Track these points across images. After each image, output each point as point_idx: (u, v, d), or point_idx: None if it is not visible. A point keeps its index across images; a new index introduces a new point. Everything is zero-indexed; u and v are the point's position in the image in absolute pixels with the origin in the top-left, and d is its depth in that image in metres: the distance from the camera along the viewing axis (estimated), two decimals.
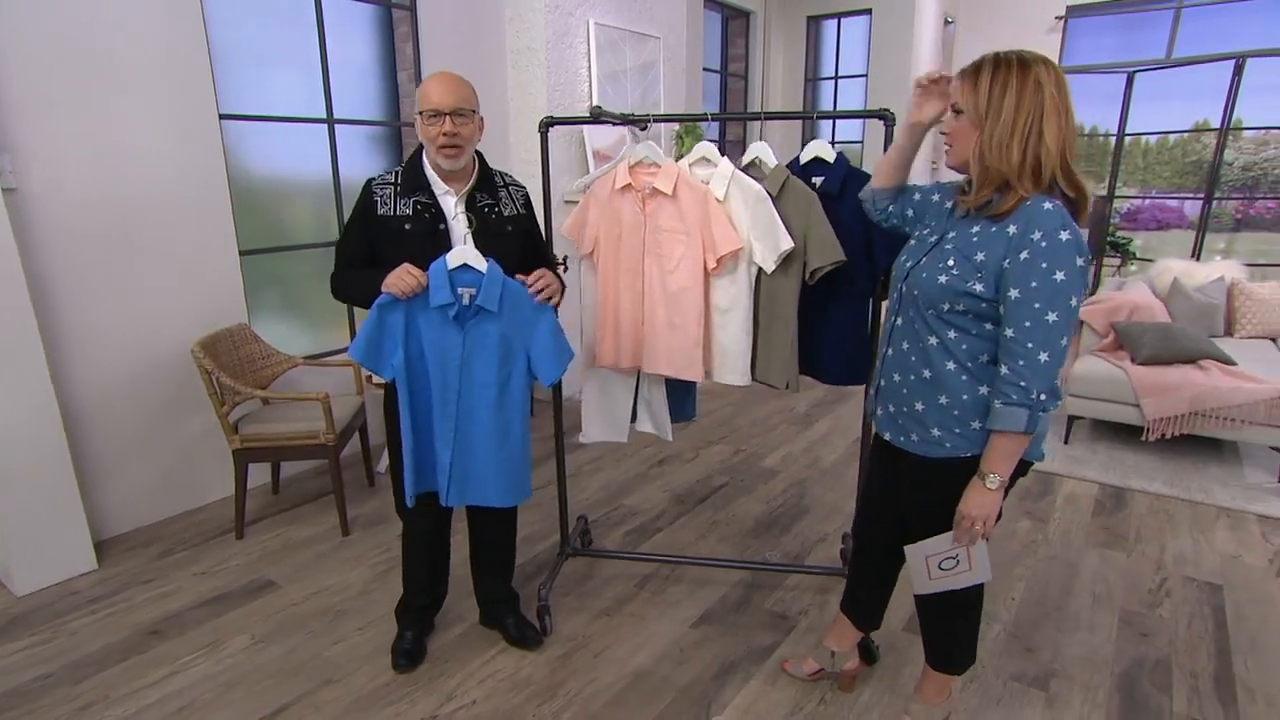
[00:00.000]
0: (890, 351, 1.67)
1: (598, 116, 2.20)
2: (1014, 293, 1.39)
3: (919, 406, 1.59)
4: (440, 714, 2.08)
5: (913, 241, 1.65)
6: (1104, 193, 7.16)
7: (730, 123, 6.98)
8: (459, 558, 2.48)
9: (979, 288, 1.44)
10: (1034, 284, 1.37)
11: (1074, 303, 1.38)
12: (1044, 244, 1.36)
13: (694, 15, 5.74)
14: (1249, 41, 6.48)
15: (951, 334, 1.51)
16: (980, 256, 1.44)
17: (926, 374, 1.56)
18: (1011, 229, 1.41)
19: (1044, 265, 1.36)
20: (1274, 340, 4.53)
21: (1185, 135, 7.43)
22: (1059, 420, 4.17)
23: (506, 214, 1.99)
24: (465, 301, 1.82)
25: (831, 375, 2.28)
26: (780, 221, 2.07)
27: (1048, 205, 1.39)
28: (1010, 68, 1.41)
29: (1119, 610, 2.57)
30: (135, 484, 3.07)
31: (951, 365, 1.52)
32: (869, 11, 6.57)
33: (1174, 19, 6.66)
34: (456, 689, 2.18)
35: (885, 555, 1.94)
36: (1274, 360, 4.04)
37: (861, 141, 6.97)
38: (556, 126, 2.37)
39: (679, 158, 2.30)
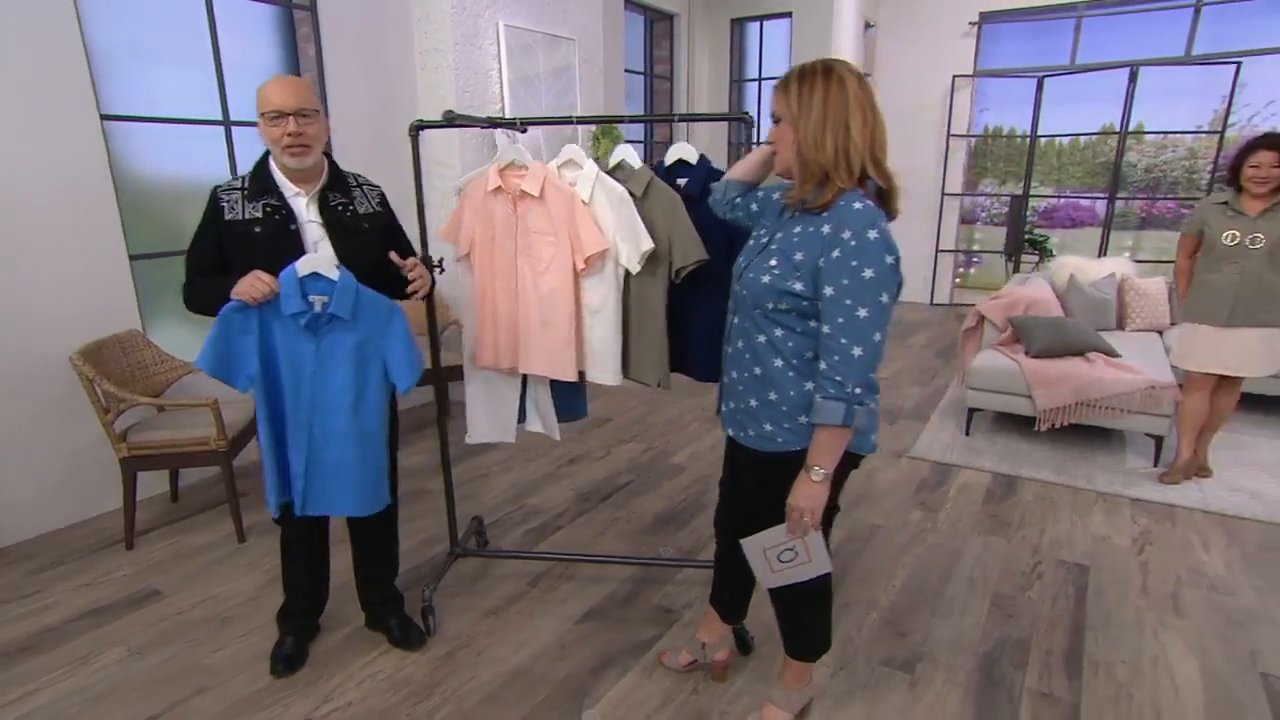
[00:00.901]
0: (729, 350, 1.73)
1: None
2: (828, 290, 1.46)
3: (753, 403, 1.65)
4: (314, 717, 2.08)
5: (750, 241, 1.71)
6: (1020, 192, 7.42)
7: (658, 124, 7.04)
8: (346, 563, 2.48)
9: (799, 286, 1.50)
10: (845, 281, 1.44)
11: (884, 299, 1.45)
12: (853, 243, 1.43)
13: (613, 17, 5.78)
14: (1143, 50, 6.78)
15: (778, 332, 1.57)
16: (799, 256, 1.51)
17: (758, 371, 1.62)
18: (825, 229, 1.47)
19: (854, 263, 1.43)
20: (1160, 333, 4.76)
21: (1094, 137, 7.72)
22: (959, 412, 4.32)
23: (361, 212, 2.00)
24: (318, 309, 1.82)
25: (702, 372, 2.33)
26: (641, 223, 2.12)
27: (858, 205, 1.46)
28: (816, 73, 1.48)
29: (992, 594, 2.68)
30: (17, 496, 2.99)
31: (779, 362, 1.58)
32: (789, 14, 6.69)
33: (1076, 27, 6.92)
34: (333, 691, 2.18)
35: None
36: (1156, 352, 4.25)
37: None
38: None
39: (597, 159, 2.33)
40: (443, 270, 2.40)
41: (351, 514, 1.99)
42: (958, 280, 8.40)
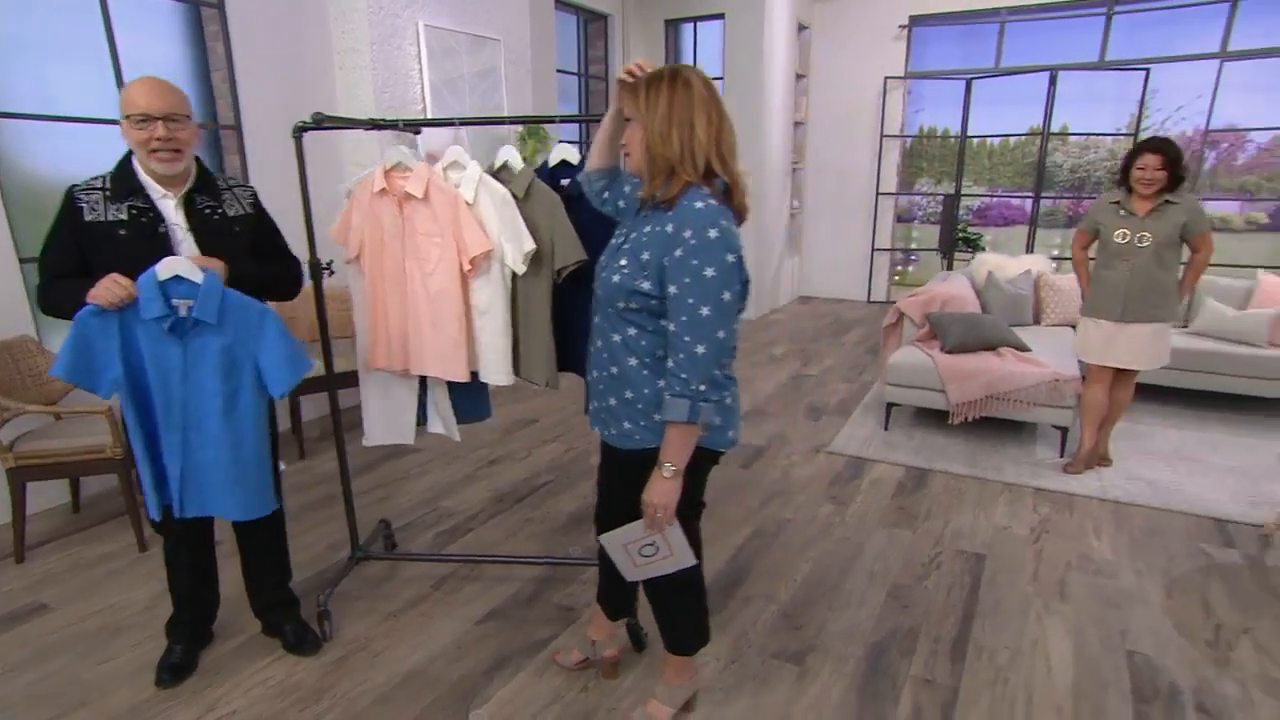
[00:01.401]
0: (592, 349, 1.75)
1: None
2: (672, 289, 1.49)
3: (612, 401, 1.67)
4: None
5: (611, 241, 1.74)
6: (952, 191, 7.58)
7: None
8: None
9: (647, 285, 1.53)
10: (687, 280, 1.47)
11: (727, 297, 1.48)
12: (694, 242, 1.46)
13: (543, 17, 5.77)
14: (1062, 55, 6.99)
15: (631, 331, 1.59)
16: (646, 255, 1.53)
17: (615, 370, 1.64)
18: (669, 228, 1.50)
19: (695, 262, 1.46)
20: (1073, 327, 4.90)
21: (1023, 138, 7.93)
22: (881, 408, 4.40)
23: (231, 214, 1.98)
24: (183, 314, 1.80)
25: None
26: (523, 223, 2.13)
27: (699, 205, 1.49)
28: (663, 76, 1.52)
29: (890, 585, 2.74)
30: None
31: (634, 361, 1.60)
32: (723, 16, 6.75)
33: (1000, 32, 7.11)
34: (219, 700, 2.15)
35: None
36: (1067, 346, 4.37)
37: None
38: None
39: (525, 160, 2.32)
40: (331, 273, 2.38)
41: (233, 517, 1.97)
42: (896, 278, 8.57)
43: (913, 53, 7.58)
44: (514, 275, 2.24)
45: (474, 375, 2.39)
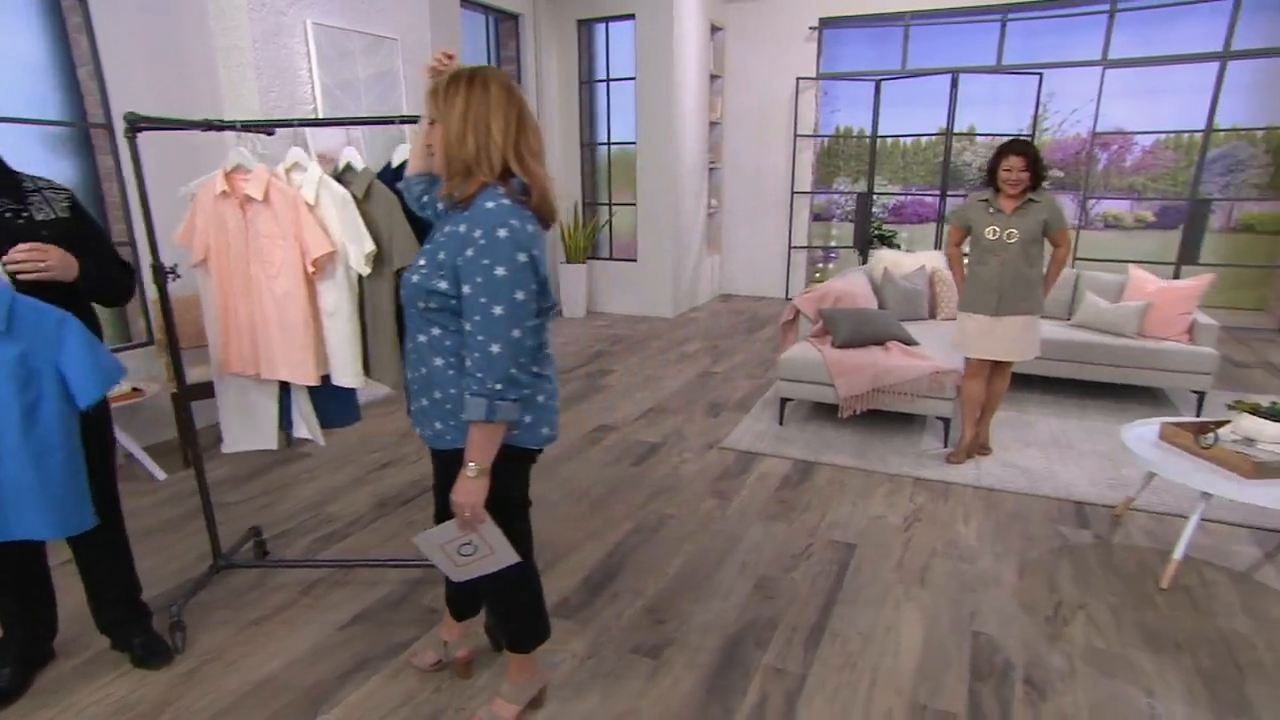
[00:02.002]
0: (406, 350, 1.74)
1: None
2: (466, 289, 1.50)
3: (425, 402, 1.67)
4: None
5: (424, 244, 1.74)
6: (864, 189, 7.76)
7: None
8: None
9: (444, 285, 1.53)
10: (479, 279, 1.48)
11: (520, 296, 1.50)
12: (483, 242, 1.47)
13: (447, 16, 5.72)
14: (964, 59, 7.23)
15: (435, 331, 1.60)
16: (442, 255, 1.54)
17: (424, 370, 1.64)
18: (463, 228, 1.51)
19: (486, 262, 1.47)
20: None
21: (933, 138, 8.15)
22: (776, 403, 4.48)
23: (40, 218, 1.91)
24: None
25: None
26: (363, 224, 2.11)
27: (490, 205, 1.50)
28: (461, 78, 1.53)
29: (759, 577, 2.79)
30: None
31: (439, 361, 1.61)
32: (633, 16, 6.78)
33: (905, 35, 7.30)
34: None
35: None
36: None
37: (635, 142, 7.20)
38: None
39: None
40: (176, 277, 2.33)
41: (43, 535, 1.89)
42: (816, 275, 8.72)
43: (827, 54, 7.75)
44: (360, 277, 2.22)
45: (326, 379, 2.36)
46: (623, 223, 7.67)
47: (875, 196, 8.07)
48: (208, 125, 2.19)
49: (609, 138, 7.46)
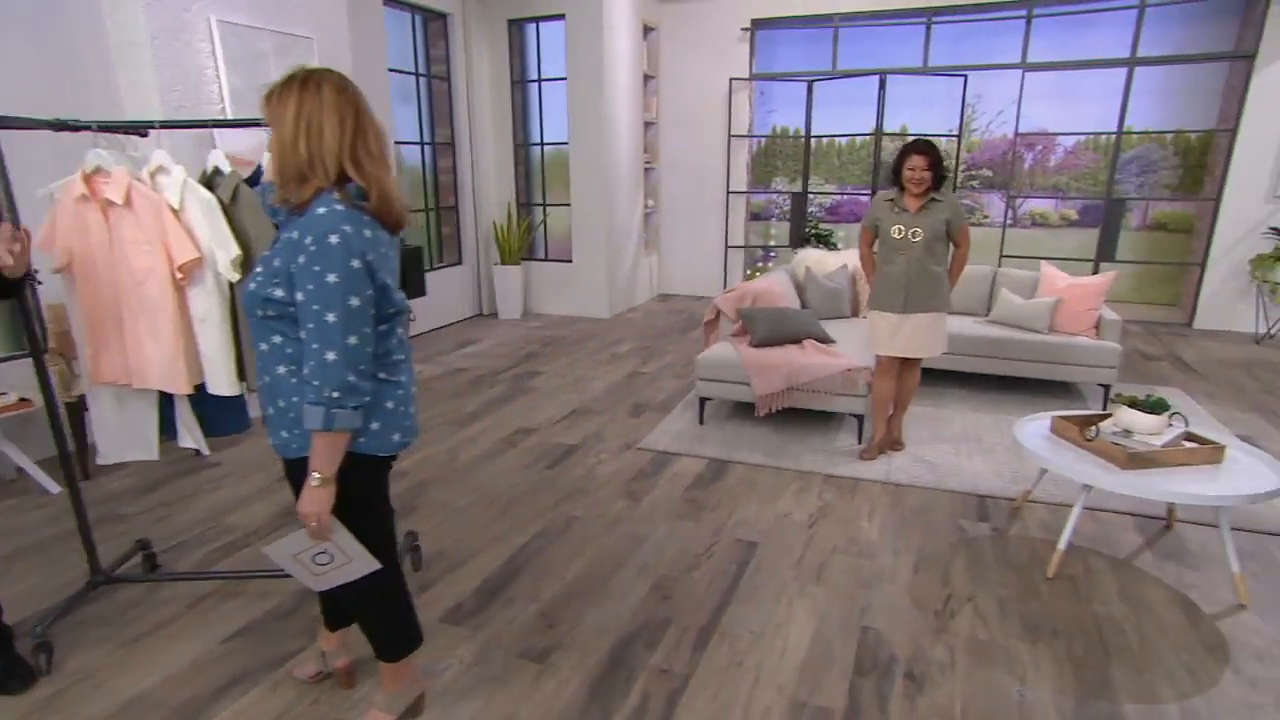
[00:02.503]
0: (255, 358, 1.71)
1: None
2: (299, 295, 1.47)
3: (271, 410, 1.64)
4: None
5: None
6: (799, 189, 7.84)
7: (438, 125, 6.93)
8: None
9: (279, 293, 1.50)
10: (311, 287, 1.45)
11: (355, 303, 1.47)
12: (314, 248, 1.45)
13: (368, 15, 5.63)
14: (892, 60, 7.36)
15: (276, 339, 1.57)
16: (277, 262, 1.51)
17: (268, 379, 1.61)
18: (296, 234, 1.48)
19: (317, 269, 1.45)
20: None
21: (868, 138, 8.28)
22: (696, 403, 4.49)
23: None
24: None
25: None
26: (228, 229, 2.06)
27: (322, 210, 1.48)
28: (294, 81, 1.50)
29: (658, 578, 2.80)
30: None
31: (282, 369, 1.58)
32: (563, 16, 6.75)
33: (834, 36, 7.40)
34: None
35: None
36: None
37: (560, 143, 7.18)
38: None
39: None
40: (38, 283, 2.25)
41: None
42: (749, 274, 8.78)
43: (762, 55, 7.81)
44: (230, 283, 2.17)
45: (202, 387, 2.30)
46: (559, 223, 7.64)
47: (811, 196, 8.17)
48: (60, 125, 2.12)
49: (542, 138, 7.42)
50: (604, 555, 2.96)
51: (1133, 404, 2.87)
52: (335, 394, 1.47)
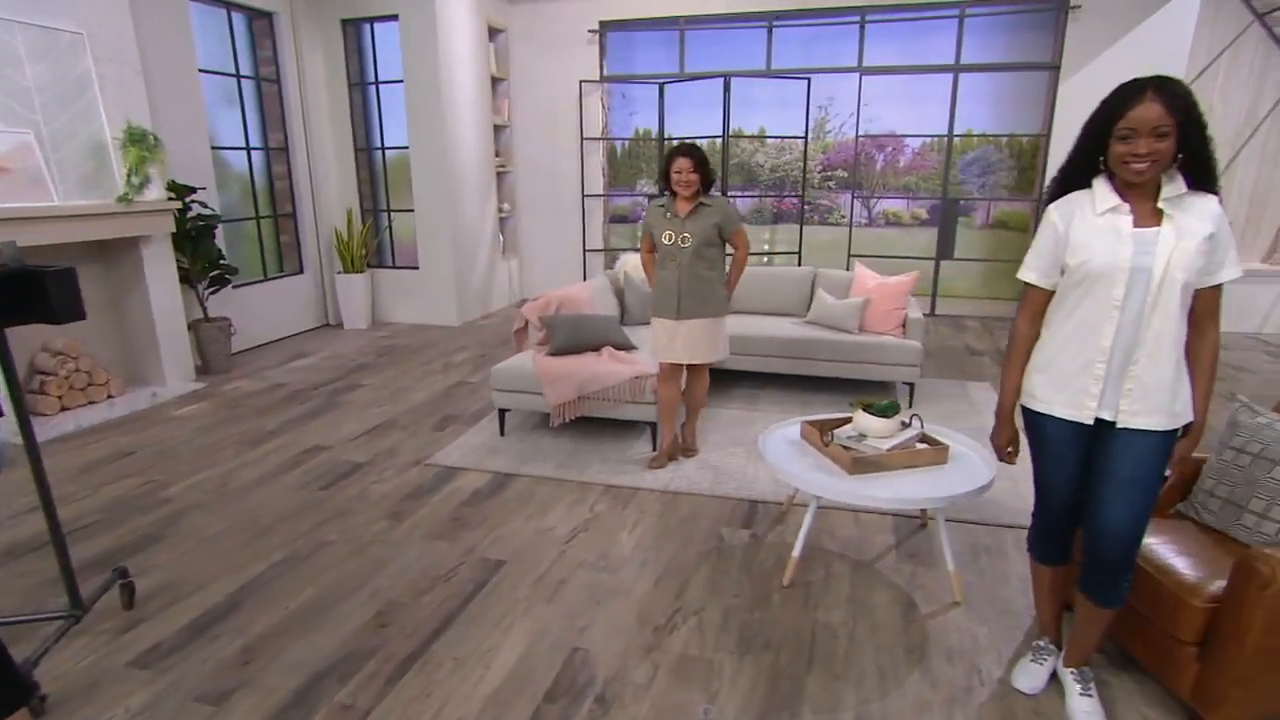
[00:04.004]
0: None
1: None
2: None
3: None
4: None
5: None
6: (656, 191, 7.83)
7: (271, 130, 6.64)
8: None
9: None
10: None
11: None
12: None
13: (169, 11, 5.32)
14: (740, 63, 7.43)
15: None
16: None
17: None
18: None
19: None
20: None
21: (728, 139, 8.34)
22: (493, 416, 4.36)
23: None
24: None
25: None
26: None
27: None
28: None
29: (385, 603, 2.68)
30: None
31: None
32: (396, 17, 6.56)
33: (680, 39, 7.42)
34: None
35: None
36: None
37: (403, 147, 6.98)
38: None
39: (129, 172, 1.97)
40: None
41: None
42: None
43: (618, 57, 7.77)
44: None
45: None
46: (408, 229, 7.42)
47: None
48: None
49: (383, 142, 7.20)
50: (340, 581, 2.82)
51: (867, 408, 2.90)
52: None
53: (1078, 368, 1.91)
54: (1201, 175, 1.79)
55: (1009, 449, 2.15)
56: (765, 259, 8.53)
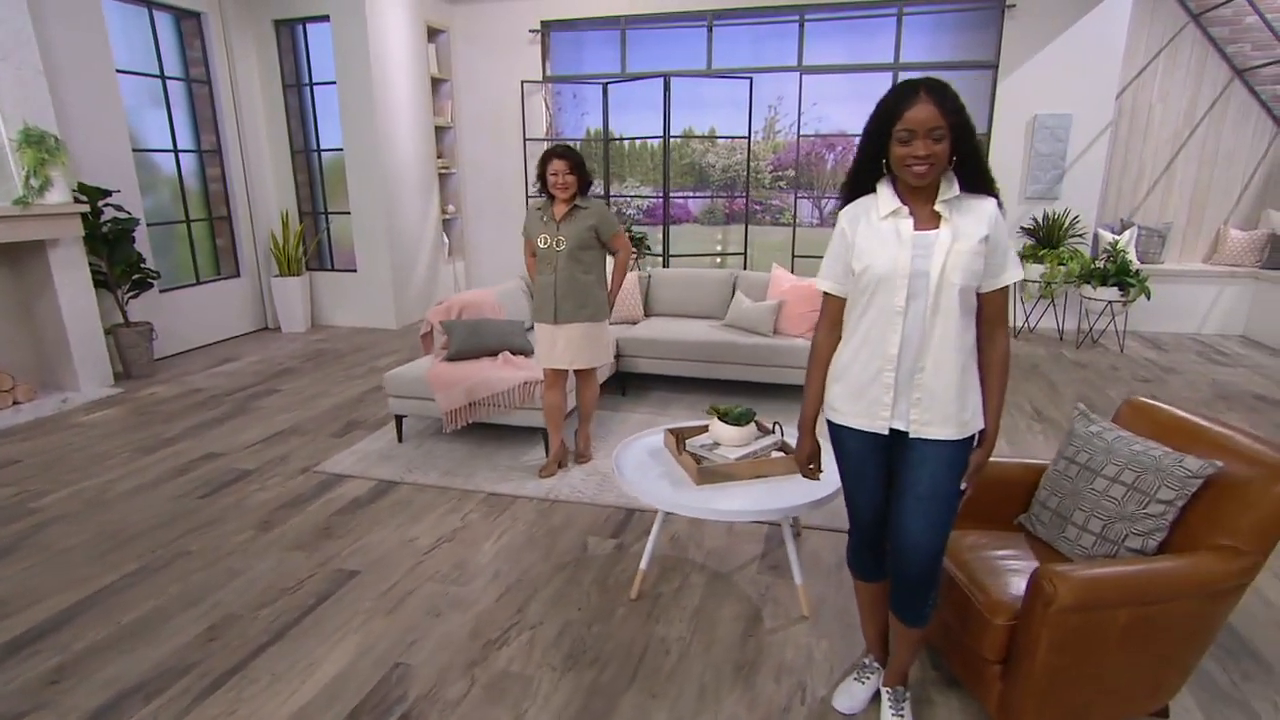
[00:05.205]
0: None
1: None
2: None
3: None
4: None
5: None
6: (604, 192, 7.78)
7: (204, 131, 6.58)
8: None
9: None
10: None
11: None
12: None
13: (80, 9, 5.25)
14: (681, 62, 7.37)
15: None
16: None
17: None
18: None
19: None
20: (634, 324, 5.13)
21: (677, 140, 8.28)
22: (390, 422, 4.31)
23: None
24: None
25: None
26: None
27: None
28: None
29: (222, 617, 2.62)
30: None
31: None
32: (328, 18, 6.49)
33: (621, 39, 7.36)
34: None
35: None
36: None
37: (342, 149, 6.92)
38: None
39: (28, 174, 1.87)
40: None
41: None
42: None
43: (563, 57, 7.70)
44: None
45: None
46: (347, 232, 7.35)
47: (627, 199, 8.17)
48: None
49: (318, 144, 7.13)
50: (184, 594, 2.77)
51: (722, 416, 2.85)
52: None
53: (869, 377, 1.86)
54: (974, 177, 1.77)
55: (810, 464, 2.10)
56: (718, 260, 8.48)
